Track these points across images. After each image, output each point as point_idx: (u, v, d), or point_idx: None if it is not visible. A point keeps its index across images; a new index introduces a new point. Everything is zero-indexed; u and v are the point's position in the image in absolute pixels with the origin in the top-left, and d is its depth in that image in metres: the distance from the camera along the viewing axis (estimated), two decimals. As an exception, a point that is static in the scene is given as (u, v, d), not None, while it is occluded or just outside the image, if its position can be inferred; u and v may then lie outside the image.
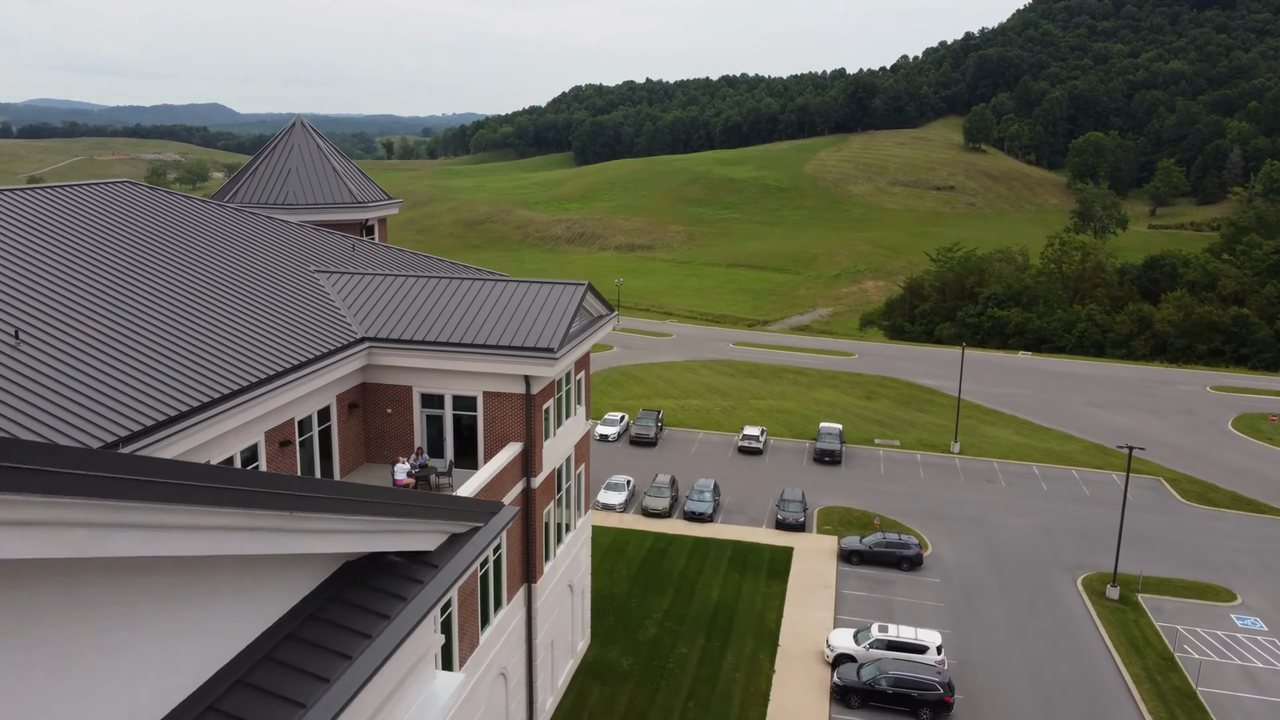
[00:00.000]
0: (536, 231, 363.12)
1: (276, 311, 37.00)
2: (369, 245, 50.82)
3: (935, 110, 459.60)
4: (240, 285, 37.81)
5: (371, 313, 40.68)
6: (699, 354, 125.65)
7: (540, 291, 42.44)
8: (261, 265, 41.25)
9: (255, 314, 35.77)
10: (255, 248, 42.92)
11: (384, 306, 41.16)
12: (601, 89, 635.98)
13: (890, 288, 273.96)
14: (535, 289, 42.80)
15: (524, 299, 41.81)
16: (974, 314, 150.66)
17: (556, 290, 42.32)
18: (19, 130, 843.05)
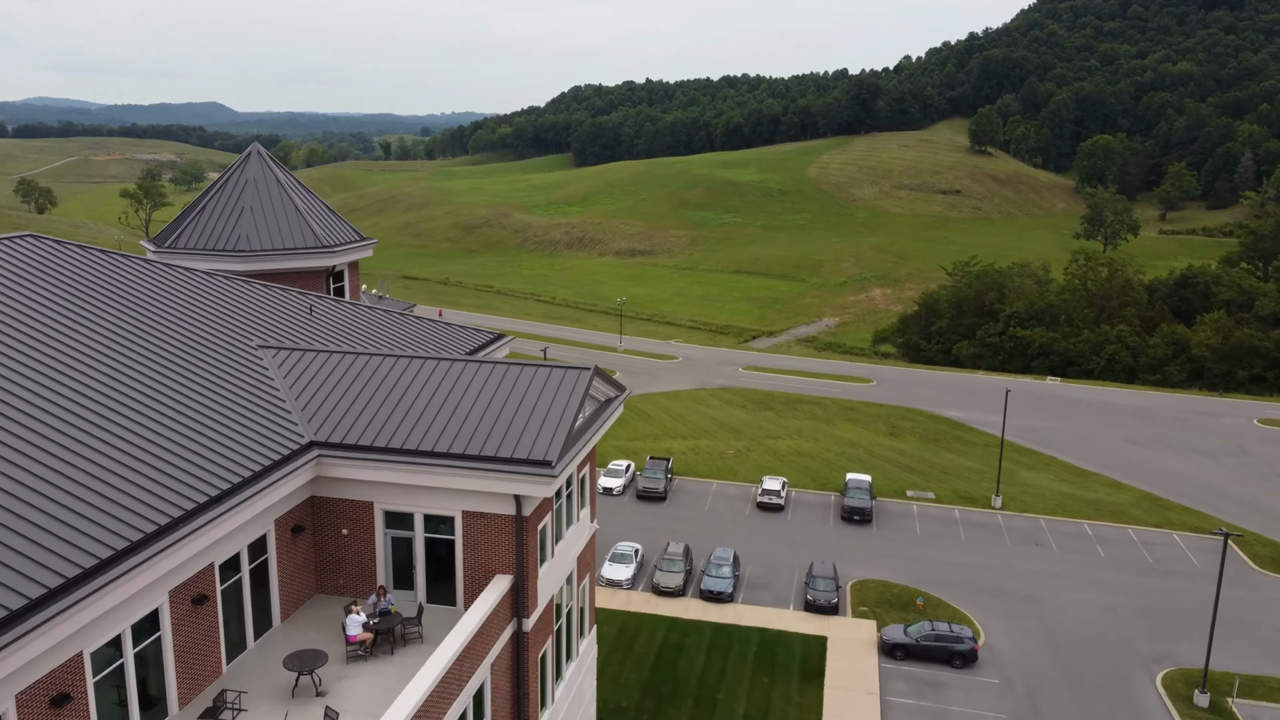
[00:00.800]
0: (535, 236, 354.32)
1: (200, 414, 28.45)
2: (332, 303, 42.33)
3: (939, 112, 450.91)
4: (154, 378, 29.23)
5: (324, 405, 32.12)
6: (707, 380, 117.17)
7: (535, 379, 33.86)
8: (189, 344, 32.68)
9: (169, 422, 27.23)
10: (184, 319, 34.35)
11: (341, 396, 32.60)
12: (601, 89, 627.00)
13: (898, 295, 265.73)
14: (529, 375, 34.22)
15: (515, 388, 33.28)
16: (995, 333, 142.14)
17: (555, 378, 33.72)
18: (14, 130, 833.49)
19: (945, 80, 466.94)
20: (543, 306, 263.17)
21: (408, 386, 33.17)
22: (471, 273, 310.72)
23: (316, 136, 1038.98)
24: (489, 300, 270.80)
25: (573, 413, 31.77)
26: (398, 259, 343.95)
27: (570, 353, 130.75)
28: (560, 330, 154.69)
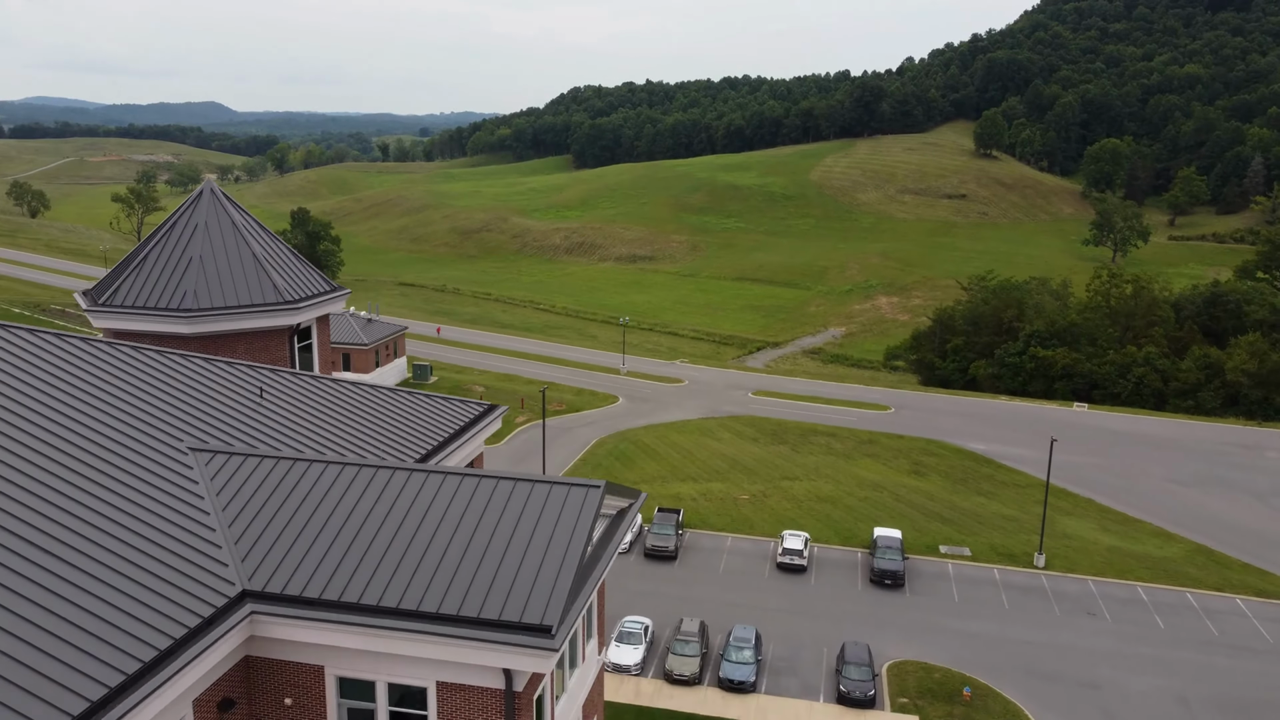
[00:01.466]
0: (534, 241, 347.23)
1: (89, 568, 21.34)
2: (289, 379, 35.29)
3: (943, 114, 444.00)
4: (31, 515, 22.13)
5: (266, 534, 24.91)
6: (716, 407, 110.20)
7: (532, 500, 26.59)
8: (92, 454, 25.49)
9: (53, 577, 20.17)
10: (94, 416, 27.26)
11: (288, 521, 25.38)
12: (601, 90, 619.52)
13: (905, 304, 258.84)
14: (523, 495, 26.95)
15: (505, 514, 26.08)
16: (1014, 353, 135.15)
17: (556, 501, 26.42)
18: (10, 130, 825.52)
19: (949, 82, 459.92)
20: (542, 315, 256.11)
21: (370, 508, 25.93)
22: (469, 279, 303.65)
23: (315, 137, 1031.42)
24: (487, 309, 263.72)
25: (578, 551, 24.63)
26: (394, 264, 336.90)
27: (572, 377, 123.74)
28: (560, 349, 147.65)
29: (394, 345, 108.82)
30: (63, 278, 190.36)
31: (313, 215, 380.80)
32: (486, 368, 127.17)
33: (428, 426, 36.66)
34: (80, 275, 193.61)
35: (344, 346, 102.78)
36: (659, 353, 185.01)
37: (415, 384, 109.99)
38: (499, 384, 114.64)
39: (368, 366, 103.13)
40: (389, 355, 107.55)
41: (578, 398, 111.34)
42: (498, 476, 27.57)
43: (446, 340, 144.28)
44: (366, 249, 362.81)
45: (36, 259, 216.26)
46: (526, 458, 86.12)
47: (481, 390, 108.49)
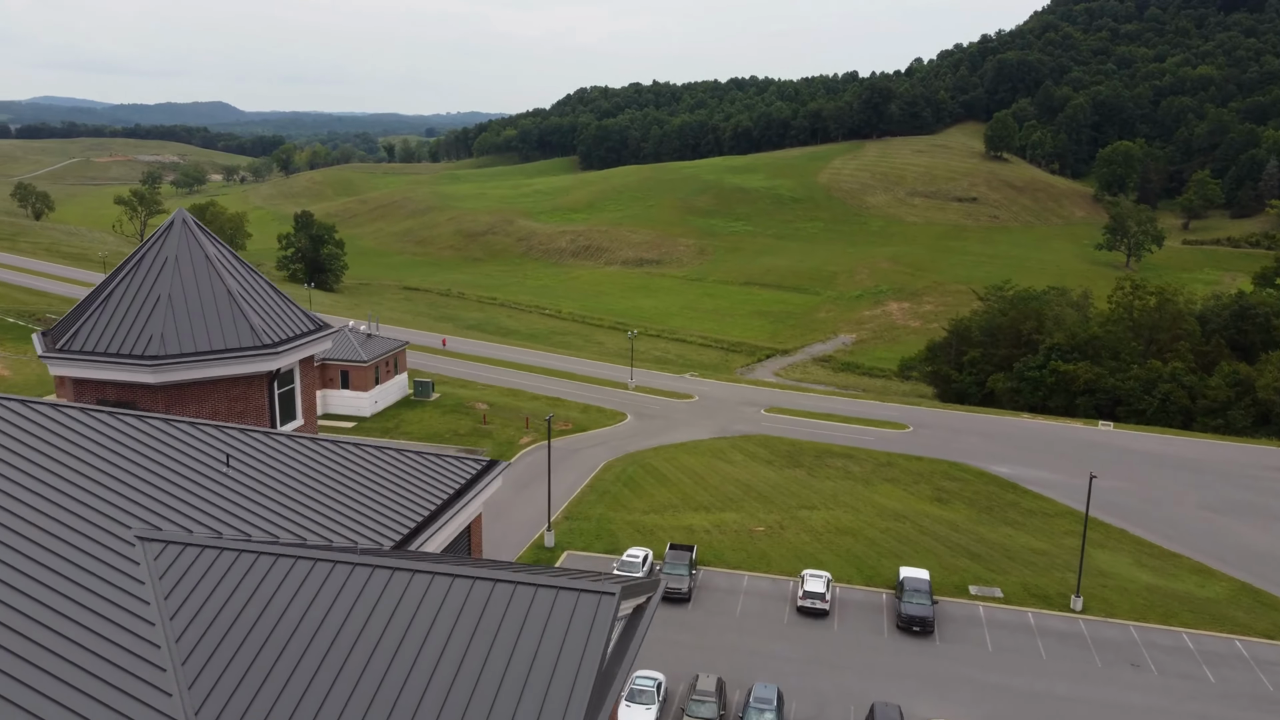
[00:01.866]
0: (540, 244, 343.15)
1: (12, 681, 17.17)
2: (260, 441, 31.23)
3: (952, 116, 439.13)
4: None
5: (220, 653, 20.89)
6: (727, 425, 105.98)
7: (534, 612, 22.42)
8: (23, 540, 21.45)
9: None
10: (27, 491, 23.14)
11: (244, 636, 21.36)
12: (607, 91, 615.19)
13: (916, 310, 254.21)
14: (524, 603, 22.76)
15: (502, 628, 21.93)
16: (1034, 366, 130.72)
17: (563, 611, 22.26)
18: (17, 130, 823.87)
19: (958, 83, 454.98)
20: (548, 321, 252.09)
21: (342, 618, 21.80)
22: (475, 283, 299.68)
23: (321, 137, 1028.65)
24: (493, 314, 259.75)
25: (587, 685, 20.46)
26: (399, 268, 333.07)
27: (579, 393, 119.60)
28: (567, 362, 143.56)
29: (394, 361, 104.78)
30: (61, 284, 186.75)
31: (317, 218, 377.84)
32: (491, 381, 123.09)
33: (420, 491, 32.49)
34: (79, 282, 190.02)
35: (342, 363, 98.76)
36: (668, 363, 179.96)
37: (417, 400, 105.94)
38: (503, 400, 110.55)
39: (366, 384, 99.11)
40: (389, 372, 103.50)
41: (584, 415, 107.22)
42: (494, 579, 23.26)
43: (450, 352, 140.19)
44: (371, 251, 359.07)
45: (36, 264, 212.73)
46: (530, 483, 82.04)
47: (485, 408, 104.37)
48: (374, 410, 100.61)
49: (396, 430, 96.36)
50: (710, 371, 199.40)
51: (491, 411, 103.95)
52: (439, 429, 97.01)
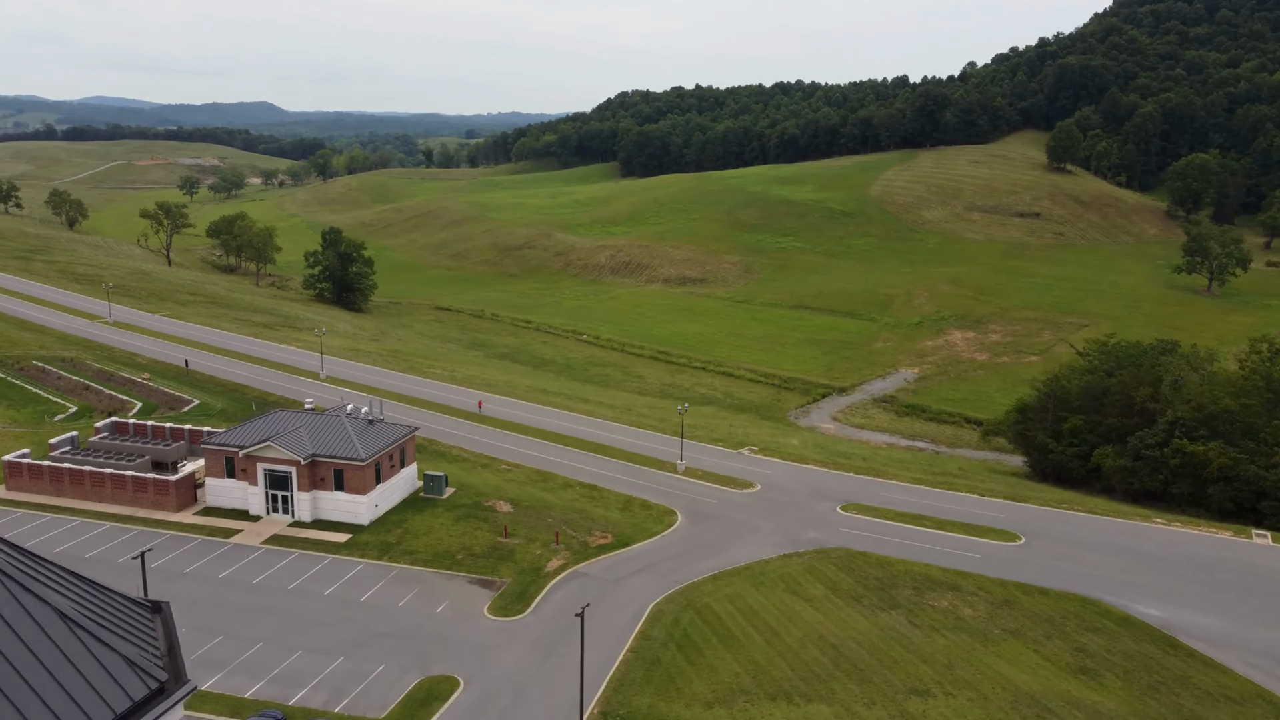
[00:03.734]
0: (578, 259, 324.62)
1: None
2: None
3: (1010, 124, 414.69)
4: None
5: None
6: (798, 531, 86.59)
7: None
8: None
9: None
10: None
11: None
12: (649, 95, 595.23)
13: (981, 341, 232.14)
14: None
15: None
16: (1153, 444, 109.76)
17: None
18: (64, 132, 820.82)
19: (1016, 89, 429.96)
20: (585, 349, 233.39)
21: None
22: (509, 303, 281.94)
23: (363, 138, 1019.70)
24: (527, 340, 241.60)
25: None
26: (432, 283, 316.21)
27: (621, 476, 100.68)
28: (606, 430, 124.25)
29: (400, 453, 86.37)
30: (64, 316, 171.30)
31: (351, 227, 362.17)
32: (520, 457, 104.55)
33: None
34: (82, 313, 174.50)
35: (335, 461, 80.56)
36: (714, 402, 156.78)
37: (427, 499, 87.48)
38: (530, 493, 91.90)
39: (365, 485, 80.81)
40: (394, 467, 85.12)
41: (626, 516, 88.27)
42: None
43: (484, 417, 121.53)
44: (404, 265, 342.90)
45: (44, 290, 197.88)
46: (559, 642, 63.42)
47: (508, 510, 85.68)
48: (374, 516, 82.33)
49: (398, 547, 77.93)
50: (763, 418, 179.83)
51: (517, 514, 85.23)
52: (450, 544, 78.49)
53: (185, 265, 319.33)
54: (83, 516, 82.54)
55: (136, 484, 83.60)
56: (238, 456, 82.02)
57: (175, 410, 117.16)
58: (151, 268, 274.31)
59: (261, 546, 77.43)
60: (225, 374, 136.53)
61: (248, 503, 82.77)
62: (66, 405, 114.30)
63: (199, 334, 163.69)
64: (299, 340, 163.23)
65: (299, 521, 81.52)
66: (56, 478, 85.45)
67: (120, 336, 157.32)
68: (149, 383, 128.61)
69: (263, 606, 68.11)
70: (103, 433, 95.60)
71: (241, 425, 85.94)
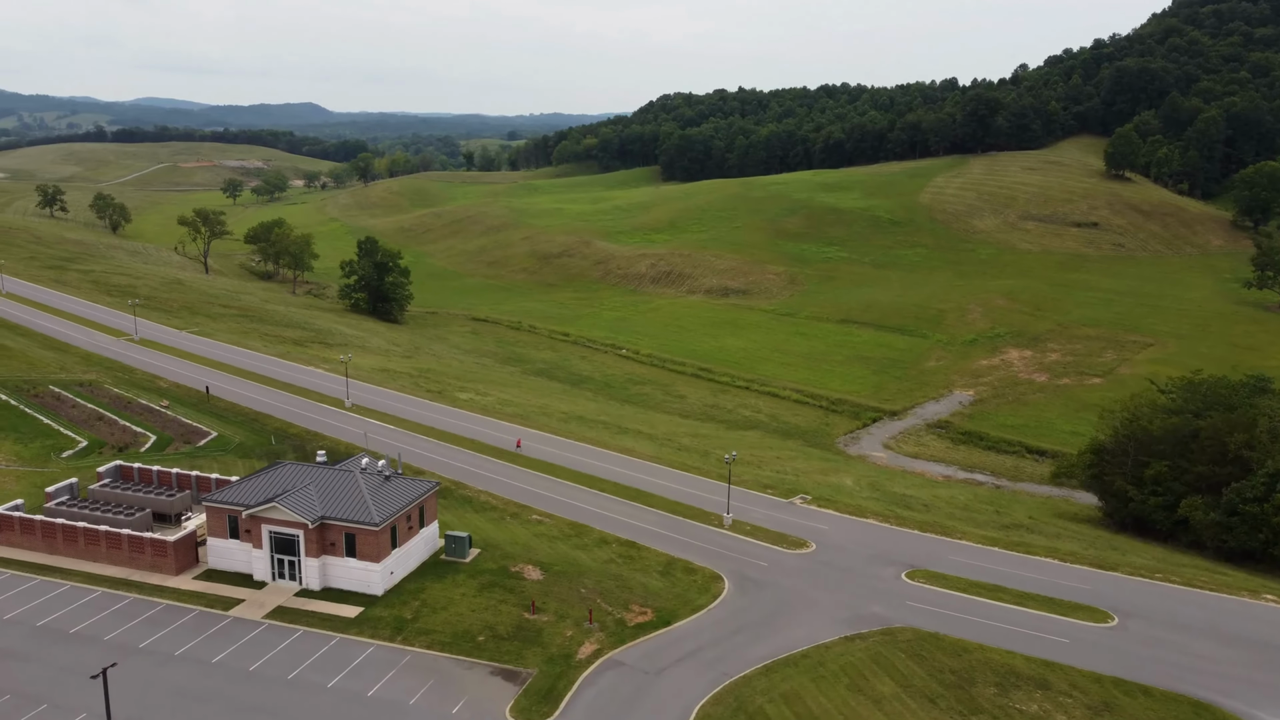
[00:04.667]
0: (618, 268, 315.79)
1: None
2: None
3: (1064, 129, 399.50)
4: None
5: None
6: (860, 604, 76.95)
7: None
8: None
9: None
10: None
11: None
12: (691, 98, 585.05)
13: (1040, 360, 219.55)
14: None
15: None
16: (1251, 497, 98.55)
17: None
18: (114, 134, 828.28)
19: (1070, 93, 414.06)
20: (623, 365, 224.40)
21: None
22: (547, 314, 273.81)
23: (406, 139, 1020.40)
24: (564, 354, 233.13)
25: None
26: (470, 292, 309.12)
27: (661, 530, 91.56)
28: (648, 474, 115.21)
29: (419, 512, 77.92)
30: (90, 333, 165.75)
31: (390, 233, 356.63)
32: (555, 507, 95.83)
33: None
34: (109, 329, 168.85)
35: (346, 525, 72.30)
36: (759, 426, 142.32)
37: (449, 563, 78.96)
38: (562, 553, 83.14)
39: (380, 552, 72.45)
40: (412, 529, 76.70)
41: (667, 583, 79.17)
42: None
43: (521, 458, 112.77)
44: (442, 272, 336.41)
45: (74, 303, 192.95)
46: (592, 759, 54.41)
47: (536, 579, 76.91)
48: (389, 584, 73.94)
49: (413, 625, 69.39)
50: (811, 445, 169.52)
51: (546, 582, 76.43)
52: (471, 622, 69.83)
53: (223, 272, 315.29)
54: (74, 579, 75.08)
55: (133, 543, 75.98)
56: (241, 517, 74.05)
57: (191, 444, 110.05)
58: (187, 276, 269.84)
59: (263, 621, 69.31)
60: (247, 401, 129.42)
61: (252, 566, 74.82)
62: (76, 439, 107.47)
63: (225, 354, 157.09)
64: (326, 362, 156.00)
65: (307, 590, 73.37)
66: (49, 534, 78.13)
67: (145, 356, 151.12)
68: (167, 410, 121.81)
69: (257, 705, 59.83)
70: (105, 479, 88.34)
71: (247, 479, 78.01)
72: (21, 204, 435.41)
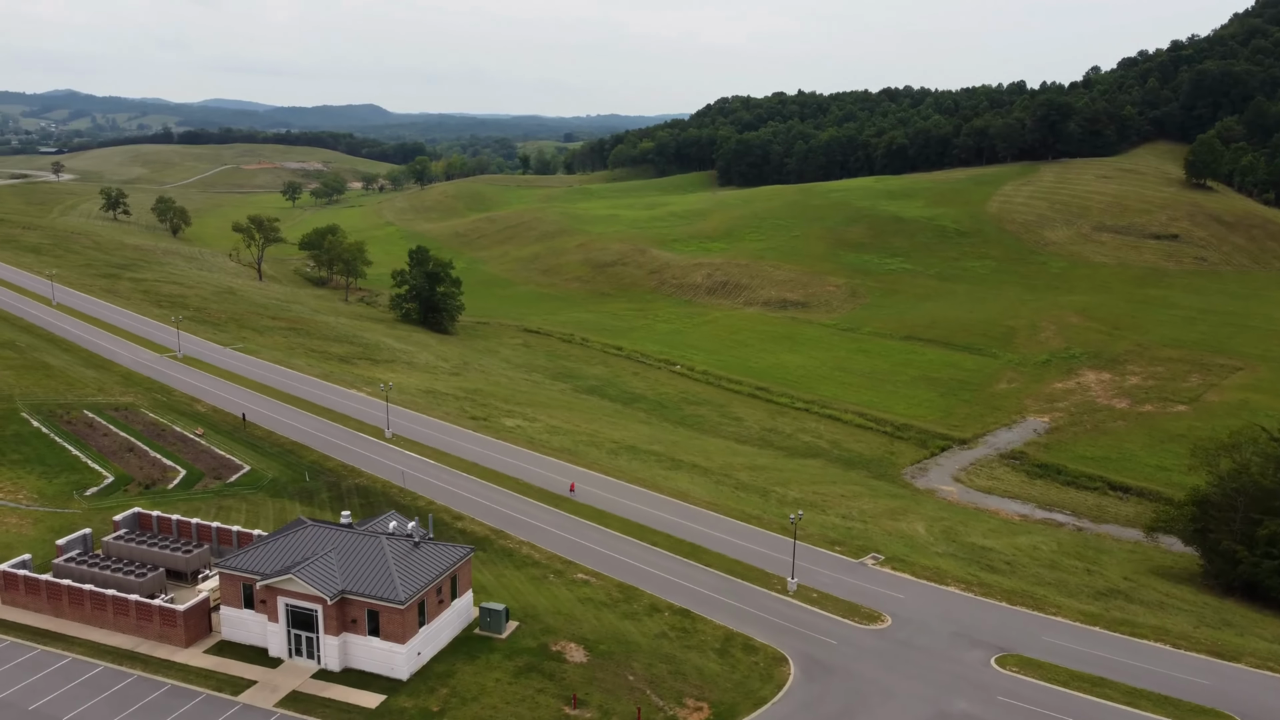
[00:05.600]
0: (673, 278, 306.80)
1: None
2: None
3: (1139, 134, 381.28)
4: None
5: None
6: (945, 700, 67.27)
7: None
8: None
9: None
10: None
11: None
12: (749, 102, 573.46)
13: (1119, 385, 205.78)
14: None
15: None
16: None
17: None
18: (180, 135, 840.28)
19: (1146, 97, 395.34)
20: (678, 382, 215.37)
21: None
22: (600, 325, 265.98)
23: (463, 140, 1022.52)
24: (617, 369, 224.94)
25: None
26: (522, 301, 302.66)
27: (720, 595, 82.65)
28: (703, 523, 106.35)
29: (452, 583, 69.94)
30: (134, 349, 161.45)
31: (443, 238, 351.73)
32: (599, 562, 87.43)
33: None
34: (153, 344, 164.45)
35: (369, 602, 64.51)
36: (820, 454, 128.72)
37: (483, 639, 70.87)
38: (609, 625, 74.65)
39: (405, 632, 64.54)
40: (442, 602, 68.71)
41: (725, 667, 70.23)
42: None
43: (573, 503, 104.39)
44: (495, 280, 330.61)
45: (122, 316, 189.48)
46: None
47: (579, 661, 68.49)
48: (415, 666, 66.03)
49: (440, 719, 61.34)
50: (876, 477, 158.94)
51: (591, 665, 67.98)
52: (504, 717, 61.52)
53: (277, 278, 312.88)
54: (77, 650, 68.41)
55: (141, 611, 69.12)
56: (256, 587, 66.71)
57: (221, 479, 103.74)
58: (240, 284, 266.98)
59: (275, 710, 61.79)
60: (284, 428, 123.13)
61: (267, 640, 67.47)
62: (102, 475, 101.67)
63: (267, 374, 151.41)
64: (369, 385, 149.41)
65: (325, 671, 65.77)
66: (55, 595, 71.69)
67: (186, 376, 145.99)
68: (200, 440, 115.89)
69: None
70: (121, 529, 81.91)
71: (266, 541, 70.69)
72: (87, 206, 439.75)
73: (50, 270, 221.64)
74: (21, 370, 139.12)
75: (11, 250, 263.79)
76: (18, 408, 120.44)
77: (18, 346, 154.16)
